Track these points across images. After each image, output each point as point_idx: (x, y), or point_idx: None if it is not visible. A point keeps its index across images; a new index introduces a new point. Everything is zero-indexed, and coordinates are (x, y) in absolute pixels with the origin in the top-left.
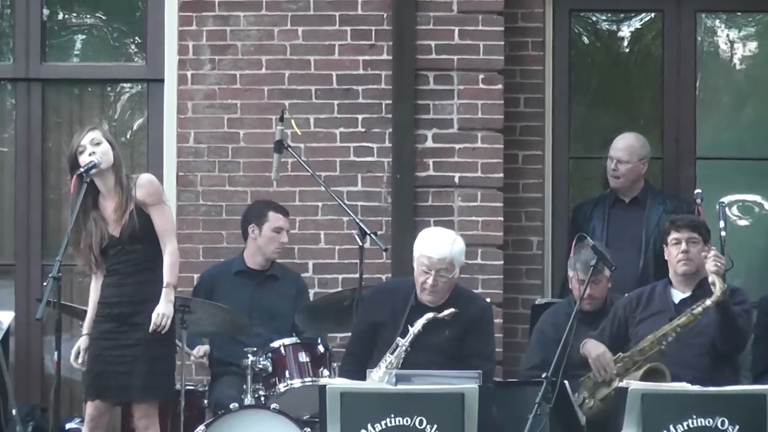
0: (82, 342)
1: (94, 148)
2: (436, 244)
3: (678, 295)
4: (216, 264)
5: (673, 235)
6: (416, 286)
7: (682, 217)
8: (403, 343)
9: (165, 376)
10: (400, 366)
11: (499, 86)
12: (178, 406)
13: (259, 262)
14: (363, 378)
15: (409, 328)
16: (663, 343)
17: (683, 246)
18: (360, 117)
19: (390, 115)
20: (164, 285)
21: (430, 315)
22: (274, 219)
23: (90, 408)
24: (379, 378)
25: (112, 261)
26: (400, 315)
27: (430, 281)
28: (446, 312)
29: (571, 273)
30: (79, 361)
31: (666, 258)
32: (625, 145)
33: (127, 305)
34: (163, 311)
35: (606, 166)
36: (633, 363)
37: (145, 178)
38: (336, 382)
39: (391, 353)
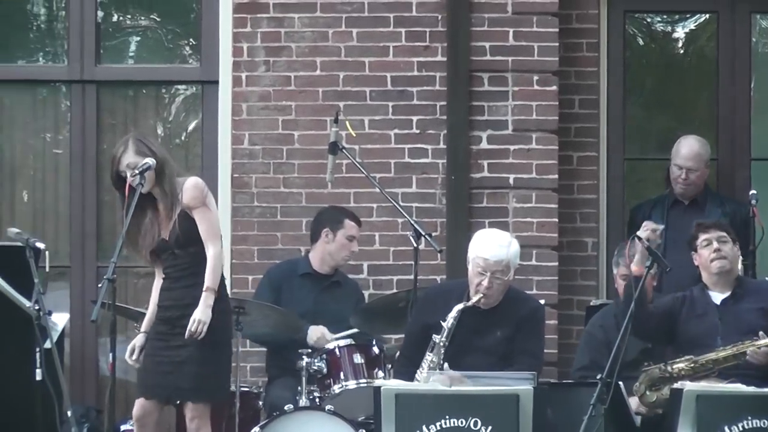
0: (138, 340)
1: (133, 171)
2: (492, 246)
3: (718, 296)
4: (282, 263)
5: (703, 237)
6: (470, 288)
7: (706, 220)
8: (440, 339)
9: (214, 378)
10: (441, 363)
11: (554, 87)
12: (233, 408)
13: (326, 268)
14: (412, 379)
15: (442, 323)
16: (741, 359)
17: (715, 245)
18: (415, 119)
19: (444, 117)
20: (204, 289)
21: (460, 306)
22: (349, 227)
23: (137, 406)
24: (425, 378)
25: (165, 265)
26: (451, 312)
27: (485, 283)
28: (474, 299)
29: (615, 270)
30: (134, 357)
31: (697, 263)
32: (692, 154)
33: (176, 308)
34: (199, 317)
35: (670, 171)
36: (705, 369)
37: (189, 182)
38: (391, 384)
39: (431, 351)
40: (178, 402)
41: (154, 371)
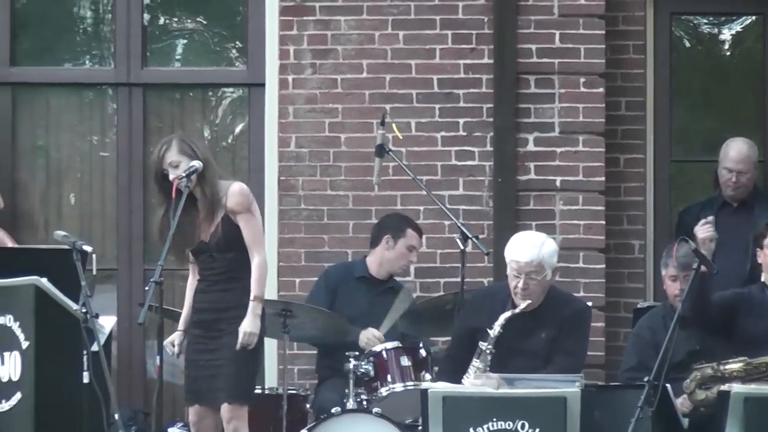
0: (176, 337)
1: (175, 171)
2: (523, 248)
3: None
4: (339, 264)
5: None
6: (511, 291)
7: None
8: (486, 346)
9: (250, 379)
10: (488, 370)
11: (601, 90)
12: (280, 410)
13: (383, 273)
14: (459, 381)
15: (488, 331)
16: None
17: None
18: (461, 121)
19: (491, 119)
20: (251, 298)
21: (507, 314)
22: (411, 236)
23: (191, 413)
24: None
25: (202, 267)
26: (498, 320)
27: (521, 284)
28: (521, 306)
29: (663, 271)
30: (175, 350)
31: (760, 260)
32: (741, 156)
33: (211, 312)
34: (250, 329)
35: (719, 174)
36: (758, 372)
37: (235, 187)
38: (438, 386)
39: (477, 358)
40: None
41: (197, 377)
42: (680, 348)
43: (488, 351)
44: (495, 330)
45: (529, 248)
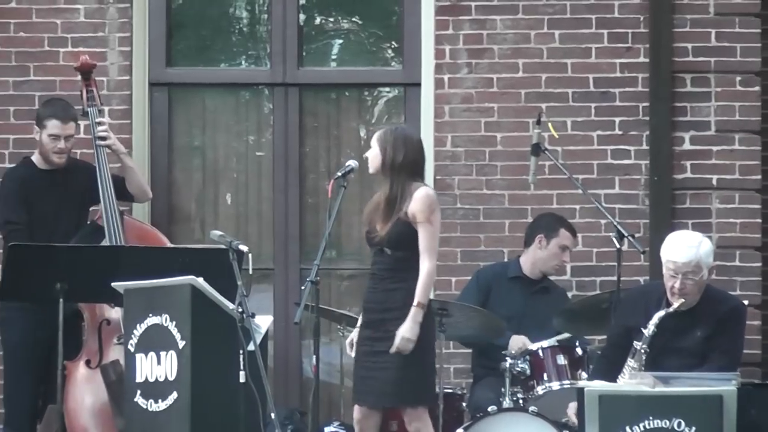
0: (355, 334)
1: (368, 152)
2: (681, 248)
3: None
4: (493, 265)
5: None
6: (666, 291)
7: None
8: (640, 346)
9: (418, 381)
10: (643, 369)
11: (756, 88)
12: (436, 409)
13: (536, 273)
14: (613, 380)
15: (642, 330)
16: None
17: None
18: (617, 120)
19: (647, 118)
20: (414, 304)
21: (661, 313)
22: (564, 236)
23: (355, 412)
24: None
25: (372, 260)
26: (652, 319)
27: (677, 285)
28: (675, 305)
29: None
30: (352, 352)
31: None
32: None
33: (376, 312)
34: (407, 335)
35: None
36: None
37: (420, 192)
38: (594, 385)
39: (632, 357)
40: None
41: (363, 377)
42: None
43: (643, 351)
44: (649, 329)
45: (686, 248)
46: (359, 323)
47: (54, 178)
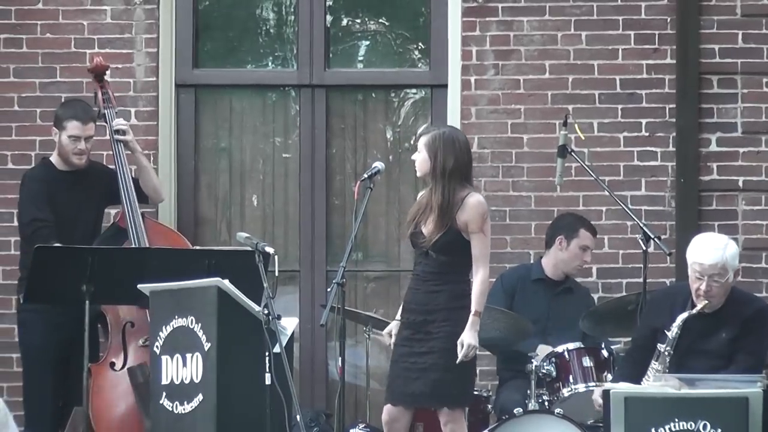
0: (393, 326)
1: (415, 156)
2: (707, 251)
3: None
4: (516, 267)
5: None
6: (692, 293)
7: None
8: (664, 348)
9: (457, 384)
10: (667, 371)
11: None
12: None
13: (558, 274)
14: (637, 382)
15: (666, 333)
16: None
17: None
18: (644, 121)
19: (674, 119)
20: (472, 312)
21: (684, 315)
22: (584, 237)
23: (384, 411)
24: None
25: (416, 260)
26: (675, 321)
27: (703, 287)
28: (699, 306)
29: None
30: (388, 343)
31: None
32: None
33: (418, 313)
34: (471, 341)
35: None
36: None
37: (472, 200)
38: (620, 387)
39: (656, 360)
40: (417, 407)
41: (399, 377)
42: None
43: (666, 353)
44: (673, 332)
45: (712, 251)
46: (399, 316)
47: (73, 180)
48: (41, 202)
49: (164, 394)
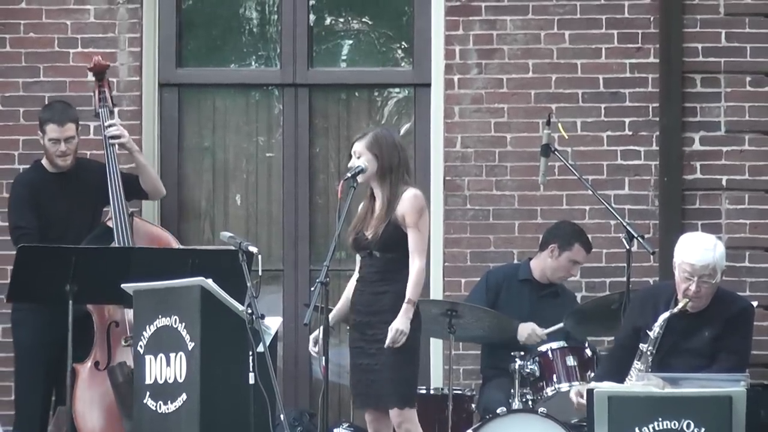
0: (317, 333)
1: (356, 161)
2: (698, 251)
3: None
4: (503, 266)
5: None
6: (678, 292)
7: None
8: (646, 348)
9: (408, 383)
10: (649, 371)
11: (767, 88)
12: (445, 411)
13: (544, 279)
14: (620, 381)
15: (648, 333)
16: None
17: None
18: (627, 120)
19: (657, 118)
20: (406, 300)
21: (666, 315)
22: (577, 251)
23: (366, 416)
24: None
25: (361, 264)
26: (657, 321)
27: (693, 288)
28: (680, 305)
29: None
30: (316, 350)
31: None
32: None
33: (364, 314)
34: (401, 327)
35: None
36: None
37: (408, 194)
38: (604, 386)
39: (638, 360)
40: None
41: (359, 381)
42: None
43: (649, 353)
44: (654, 331)
45: (702, 251)
46: (332, 322)
47: (64, 181)
48: (25, 209)
49: (148, 393)
